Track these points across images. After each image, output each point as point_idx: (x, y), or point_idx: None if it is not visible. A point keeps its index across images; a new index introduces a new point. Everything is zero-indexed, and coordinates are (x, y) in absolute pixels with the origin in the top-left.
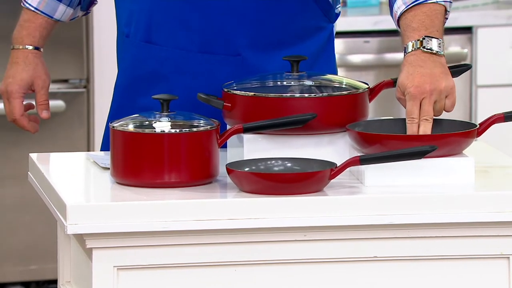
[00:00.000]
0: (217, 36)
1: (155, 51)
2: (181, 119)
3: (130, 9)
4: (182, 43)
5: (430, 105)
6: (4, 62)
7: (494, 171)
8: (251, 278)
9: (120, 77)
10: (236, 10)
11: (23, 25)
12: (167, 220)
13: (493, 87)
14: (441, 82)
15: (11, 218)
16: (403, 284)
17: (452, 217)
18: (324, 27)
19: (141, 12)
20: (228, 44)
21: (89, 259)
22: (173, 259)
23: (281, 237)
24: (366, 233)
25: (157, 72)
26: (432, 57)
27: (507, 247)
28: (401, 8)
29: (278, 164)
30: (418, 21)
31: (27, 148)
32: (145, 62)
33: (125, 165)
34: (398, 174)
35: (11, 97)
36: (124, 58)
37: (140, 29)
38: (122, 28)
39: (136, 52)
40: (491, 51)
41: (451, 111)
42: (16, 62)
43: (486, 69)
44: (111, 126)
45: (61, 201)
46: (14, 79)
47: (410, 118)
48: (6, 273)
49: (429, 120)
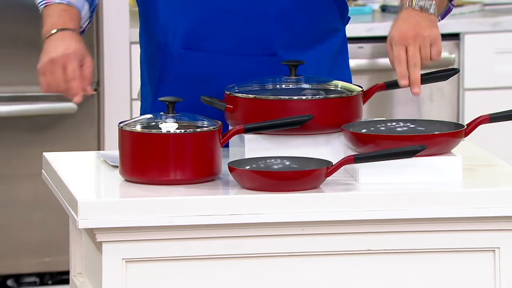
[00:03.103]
0: (255, 39)
1: (196, 56)
2: (186, 120)
3: (167, 20)
4: (221, 48)
5: (416, 50)
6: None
7: (480, 169)
8: (252, 270)
9: (158, 82)
10: (273, 13)
11: (61, 14)
12: (173, 215)
13: (479, 90)
14: (425, 30)
15: (26, 214)
16: (395, 275)
17: (441, 212)
18: (339, 29)
19: (180, 22)
20: (265, 45)
21: (99, 252)
22: (178, 252)
23: (280, 231)
24: (360, 227)
25: (199, 76)
26: (421, 13)
27: (493, 241)
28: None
29: (277, 162)
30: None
31: (41, 147)
32: (187, 68)
33: (133, 163)
34: (390, 172)
35: (71, 60)
36: (162, 65)
37: (180, 37)
38: (157, 39)
39: (177, 59)
40: (477, 56)
41: (438, 59)
42: (65, 38)
43: (473, 73)
44: (120, 127)
45: (72, 197)
46: (70, 48)
47: (398, 60)
48: (22, 265)
49: (417, 66)
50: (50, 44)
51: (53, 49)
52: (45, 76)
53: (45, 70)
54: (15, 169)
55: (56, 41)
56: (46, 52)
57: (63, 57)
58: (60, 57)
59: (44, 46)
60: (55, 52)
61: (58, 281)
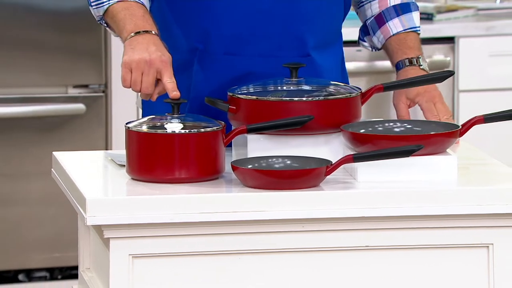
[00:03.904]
0: (290, 40)
1: (237, 61)
2: (190, 121)
3: (203, 27)
4: (259, 50)
5: (445, 104)
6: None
7: (474, 168)
8: (253, 265)
9: (199, 87)
10: (306, 14)
11: (145, 17)
12: (178, 212)
13: (474, 92)
14: (436, 88)
15: (36, 211)
16: (392, 270)
17: (437, 210)
18: (341, 32)
19: (217, 28)
20: (299, 46)
21: (106, 248)
22: (183, 248)
23: (281, 228)
24: (359, 224)
25: (239, 78)
26: (424, 73)
27: (487, 237)
28: (398, 29)
29: (279, 161)
30: (411, 42)
31: (50, 147)
32: (227, 71)
33: (140, 162)
34: (387, 171)
35: (168, 68)
36: (200, 70)
37: (217, 42)
38: (193, 45)
39: (218, 64)
40: (471, 59)
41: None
42: (159, 43)
43: (467, 76)
44: (126, 127)
45: (81, 195)
46: (165, 54)
47: (433, 116)
48: (33, 260)
49: (450, 117)
50: (143, 42)
51: (150, 51)
52: (135, 73)
53: (138, 68)
54: (25, 168)
55: (149, 43)
56: (138, 50)
57: (161, 63)
58: (158, 62)
59: (133, 42)
60: (153, 55)
61: (67, 276)
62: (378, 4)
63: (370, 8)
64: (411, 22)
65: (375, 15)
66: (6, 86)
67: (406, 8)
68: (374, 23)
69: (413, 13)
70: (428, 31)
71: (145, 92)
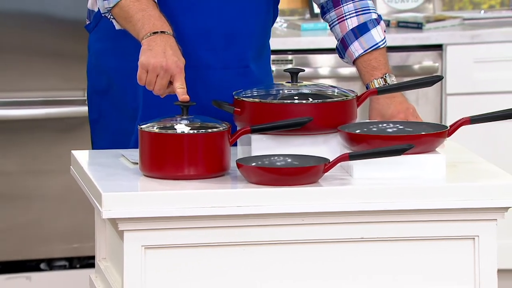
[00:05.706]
0: (233, 54)
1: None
2: (198, 122)
3: None
4: (205, 63)
5: (419, 117)
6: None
7: (461, 166)
8: (256, 256)
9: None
10: (246, 34)
11: (162, 17)
12: (187, 206)
13: (460, 95)
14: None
15: (56, 205)
16: (386, 260)
17: (426, 204)
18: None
19: None
20: (240, 59)
21: (121, 239)
22: (191, 240)
23: (282, 221)
24: (354, 217)
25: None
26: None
27: (473, 230)
28: (359, 51)
29: (280, 159)
30: (375, 61)
31: (69, 146)
32: None
33: (151, 160)
34: (381, 168)
35: (180, 73)
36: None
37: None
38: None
39: None
40: (458, 65)
41: None
42: (172, 47)
43: (454, 80)
44: (139, 128)
45: (97, 191)
46: (180, 59)
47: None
48: (53, 250)
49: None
50: (160, 44)
51: (167, 55)
52: (151, 75)
53: (154, 70)
54: (46, 165)
55: (166, 45)
56: (156, 52)
57: (176, 69)
58: (173, 68)
59: (151, 42)
60: (170, 60)
61: (85, 265)
62: (339, 28)
63: (335, 32)
64: (371, 41)
65: (340, 39)
66: (30, 90)
67: (364, 28)
68: (341, 46)
69: (371, 31)
70: (418, 39)
71: (157, 93)
